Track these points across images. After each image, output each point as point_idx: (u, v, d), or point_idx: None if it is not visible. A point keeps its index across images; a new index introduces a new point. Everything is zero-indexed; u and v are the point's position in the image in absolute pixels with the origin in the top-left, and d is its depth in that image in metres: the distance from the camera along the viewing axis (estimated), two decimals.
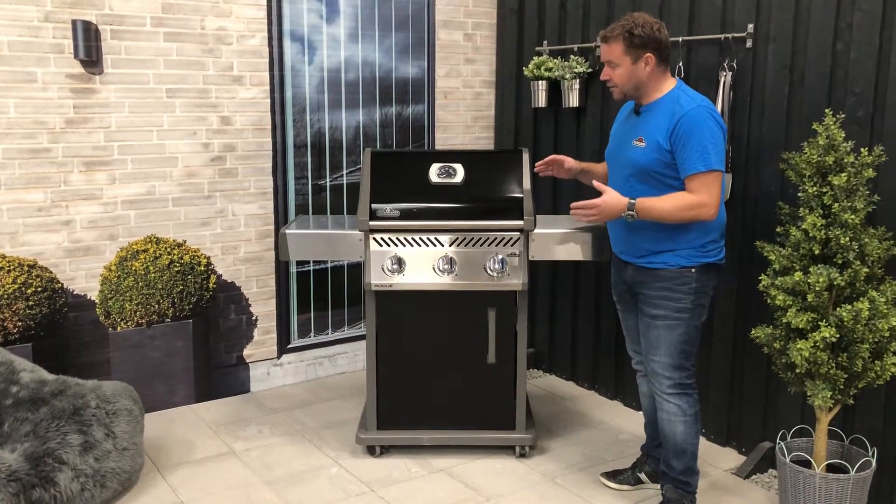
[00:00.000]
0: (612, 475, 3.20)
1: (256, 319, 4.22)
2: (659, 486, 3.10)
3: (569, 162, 3.21)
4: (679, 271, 2.78)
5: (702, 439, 3.49)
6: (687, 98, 2.74)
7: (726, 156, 2.93)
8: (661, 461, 2.94)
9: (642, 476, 3.16)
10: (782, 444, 2.96)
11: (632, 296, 2.99)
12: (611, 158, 2.99)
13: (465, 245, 3.27)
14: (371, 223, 3.24)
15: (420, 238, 3.27)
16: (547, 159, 3.24)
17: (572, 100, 4.05)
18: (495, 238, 3.26)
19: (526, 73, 4.22)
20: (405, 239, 3.27)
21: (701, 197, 2.66)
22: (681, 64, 3.52)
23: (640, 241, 2.82)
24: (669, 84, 2.79)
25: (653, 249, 2.80)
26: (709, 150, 2.64)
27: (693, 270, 2.78)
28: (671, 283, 2.78)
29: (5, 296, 3.29)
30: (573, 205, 2.79)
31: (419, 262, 3.27)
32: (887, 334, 2.63)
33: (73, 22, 3.51)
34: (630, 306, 3.04)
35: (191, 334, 3.73)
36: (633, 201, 2.70)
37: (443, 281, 3.27)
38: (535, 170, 3.27)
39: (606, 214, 2.75)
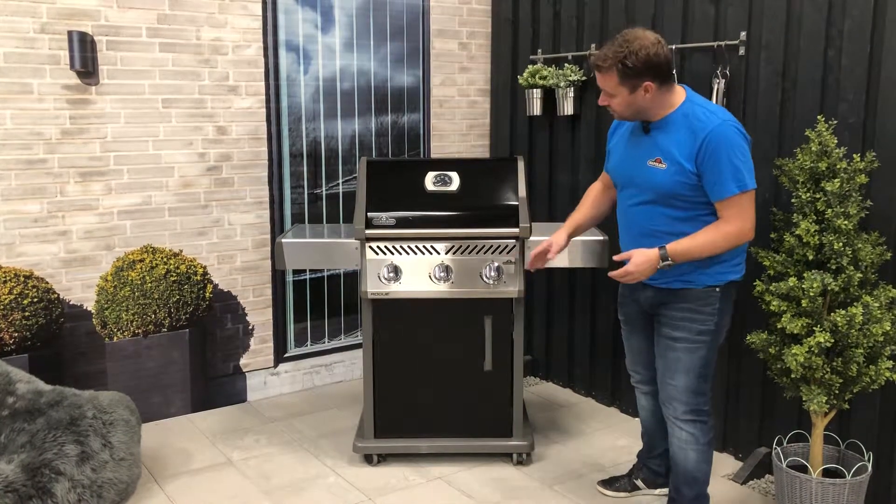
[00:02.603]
0: (609, 483, 3.20)
1: (253, 329, 4.22)
2: (655, 491, 3.11)
3: (555, 247, 2.92)
4: (704, 291, 2.63)
5: None
6: (705, 112, 2.53)
7: None
8: (671, 485, 2.87)
9: (638, 483, 3.16)
10: (779, 449, 2.97)
11: (644, 317, 2.86)
12: (620, 178, 2.79)
13: (462, 253, 3.28)
14: (367, 232, 3.25)
15: (416, 246, 3.28)
16: (534, 257, 2.94)
17: (567, 108, 4.07)
18: (491, 246, 3.27)
19: (521, 81, 4.24)
20: (401, 247, 3.28)
21: (737, 224, 2.51)
22: (674, 72, 3.54)
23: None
24: (678, 97, 2.60)
25: (682, 270, 2.63)
26: (741, 170, 2.47)
27: (718, 290, 2.64)
28: (695, 304, 2.64)
29: (1, 307, 3.29)
30: (610, 276, 2.63)
31: (415, 270, 3.27)
32: (881, 339, 2.64)
33: (69, 33, 3.52)
34: (639, 328, 2.91)
35: (187, 344, 3.73)
36: (664, 250, 2.53)
37: (439, 289, 3.27)
38: (530, 268, 3.01)
39: (643, 273, 2.56)
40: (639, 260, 2.55)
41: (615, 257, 2.64)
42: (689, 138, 2.51)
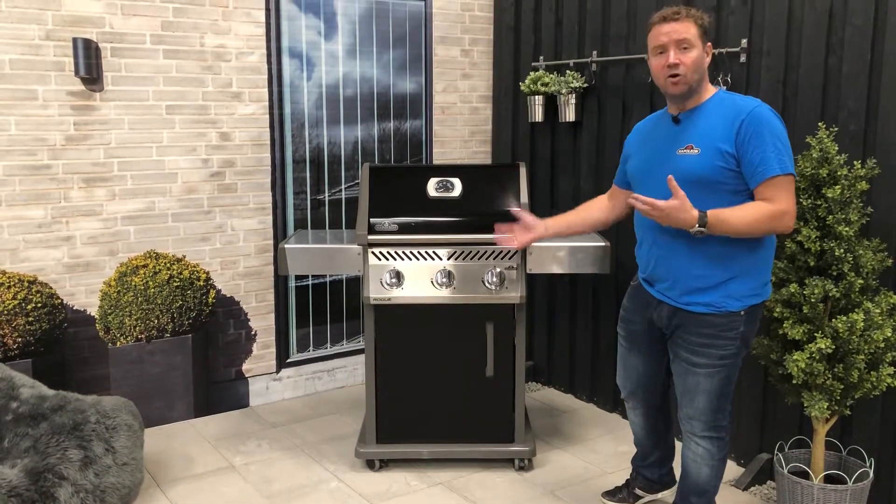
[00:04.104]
0: (612, 494, 3.17)
1: (255, 334, 4.23)
2: (657, 495, 3.11)
3: (530, 230, 2.81)
4: (727, 317, 2.47)
5: None
6: (742, 98, 2.47)
7: None
8: (678, 491, 2.83)
9: (638, 492, 3.12)
10: (780, 455, 2.98)
11: (650, 339, 2.73)
12: (643, 175, 2.62)
13: (464, 258, 3.29)
14: (370, 237, 3.26)
15: (418, 252, 3.29)
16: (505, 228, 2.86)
17: (568, 114, 4.08)
18: (493, 251, 3.28)
19: (522, 88, 4.26)
20: (403, 253, 3.29)
21: (781, 204, 2.33)
22: None
23: (690, 273, 2.48)
24: (712, 88, 2.53)
25: (701, 286, 2.47)
26: (783, 152, 2.35)
27: (742, 314, 2.47)
28: (717, 330, 2.48)
29: (5, 312, 3.30)
30: (633, 196, 2.40)
31: (417, 275, 3.28)
32: (882, 345, 2.65)
33: (74, 40, 3.54)
34: (641, 348, 2.78)
35: (190, 349, 3.74)
36: (704, 216, 2.31)
37: (441, 294, 3.28)
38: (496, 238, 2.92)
39: (673, 220, 2.33)
40: (675, 204, 2.30)
41: (669, 179, 2.33)
42: (726, 121, 2.40)
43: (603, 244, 3.40)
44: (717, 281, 2.47)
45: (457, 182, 3.40)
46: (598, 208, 2.92)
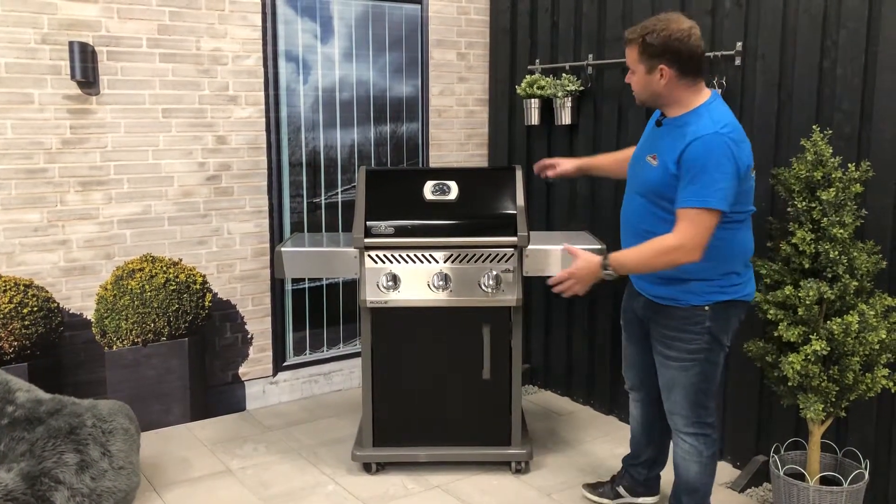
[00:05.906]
0: (593, 487, 3.19)
1: (252, 337, 4.23)
2: (637, 500, 3.10)
3: (560, 167, 3.13)
4: (690, 310, 2.54)
5: None
6: (709, 120, 2.42)
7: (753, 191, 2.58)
8: (672, 493, 2.85)
9: (620, 490, 3.13)
10: (776, 457, 2.99)
11: (640, 328, 2.82)
12: (630, 168, 2.76)
13: (460, 261, 3.29)
14: (366, 240, 3.26)
15: (415, 255, 3.29)
16: (541, 165, 3.20)
17: (564, 117, 4.09)
18: (490, 254, 3.29)
19: (518, 91, 4.27)
20: (400, 256, 3.29)
21: (679, 239, 2.38)
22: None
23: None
24: (701, 98, 2.50)
25: (664, 277, 2.56)
26: (708, 186, 2.34)
27: (707, 309, 2.53)
28: (682, 323, 2.56)
29: (1, 315, 3.30)
30: (551, 284, 2.59)
31: (414, 278, 3.29)
32: (877, 347, 2.66)
33: (70, 44, 3.54)
34: (635, 337, 2.88)
35: (186, 353, 3.74)
36: (606, 259, 2.47)
37: (438, 297, 3.29)
38: (536, 171, 3.22)
39: (585, 278, 2.50)
40: (580, 264, 2.50)
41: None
42: (679, 141, 2.43)
43: (598, 246, 3.41)
44: (676, 276, 2.53)
45: (453, 185, 3.40)
46: (626, 156, 2.92)
